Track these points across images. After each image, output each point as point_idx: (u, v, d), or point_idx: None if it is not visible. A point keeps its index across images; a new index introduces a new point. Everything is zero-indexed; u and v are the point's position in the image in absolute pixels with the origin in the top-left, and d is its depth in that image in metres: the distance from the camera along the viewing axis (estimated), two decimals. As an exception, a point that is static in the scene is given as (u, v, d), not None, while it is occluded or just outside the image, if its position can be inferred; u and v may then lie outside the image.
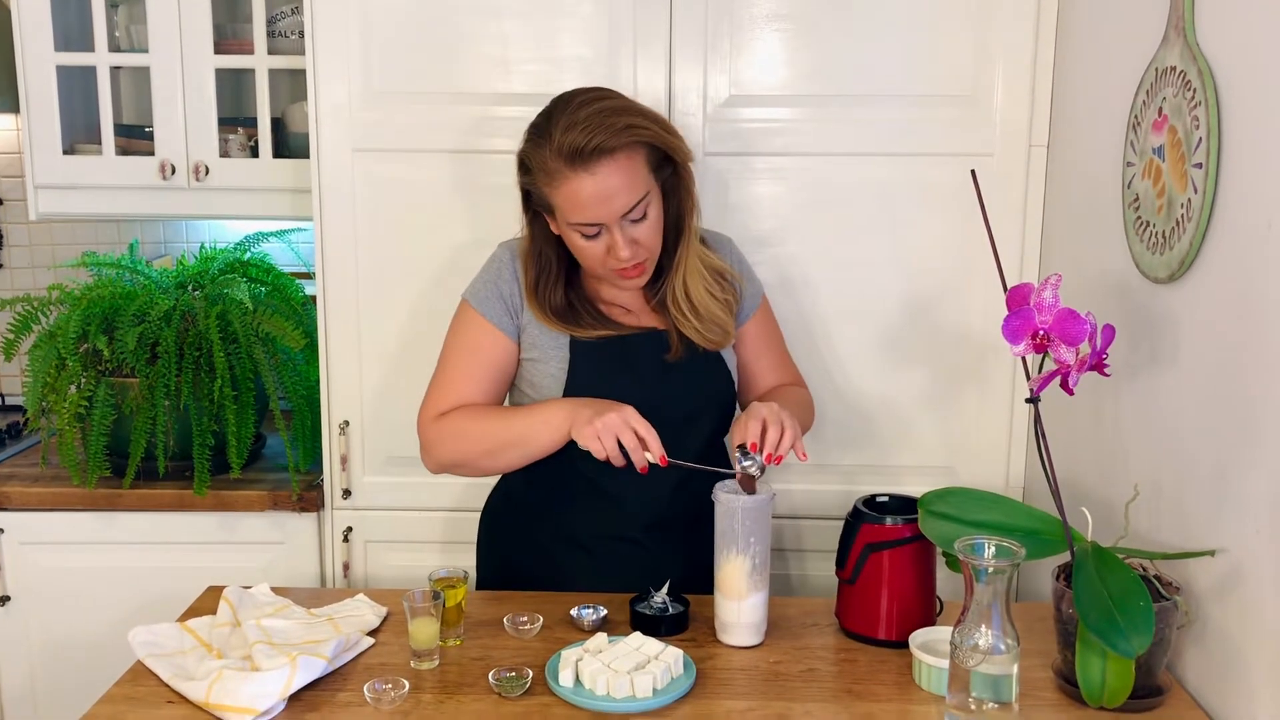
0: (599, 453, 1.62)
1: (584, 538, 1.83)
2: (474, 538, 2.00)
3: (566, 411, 1.68)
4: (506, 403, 1.87)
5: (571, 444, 1.67)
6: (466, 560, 2.05)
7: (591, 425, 1.62)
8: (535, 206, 1.74)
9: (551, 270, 1.78)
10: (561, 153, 1.61)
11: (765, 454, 1.61)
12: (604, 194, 1.62)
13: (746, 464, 1.62)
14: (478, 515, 2.00)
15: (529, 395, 1.81)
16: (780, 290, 2.11)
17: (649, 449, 1.62)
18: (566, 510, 1.83)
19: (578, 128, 1.60)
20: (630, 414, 1.63)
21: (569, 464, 1.76)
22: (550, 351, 1.78)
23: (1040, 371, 1.48)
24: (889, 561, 1.63)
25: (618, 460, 1.62)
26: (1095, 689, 1.43)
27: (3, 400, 2.87)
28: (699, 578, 1.73)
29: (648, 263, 1.73)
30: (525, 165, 1.70)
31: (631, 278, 1.72)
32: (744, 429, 1.65)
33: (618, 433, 1.61)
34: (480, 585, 1.95)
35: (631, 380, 1.77)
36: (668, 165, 1.72)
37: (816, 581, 2.22)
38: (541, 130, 1.66)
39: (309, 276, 2.48)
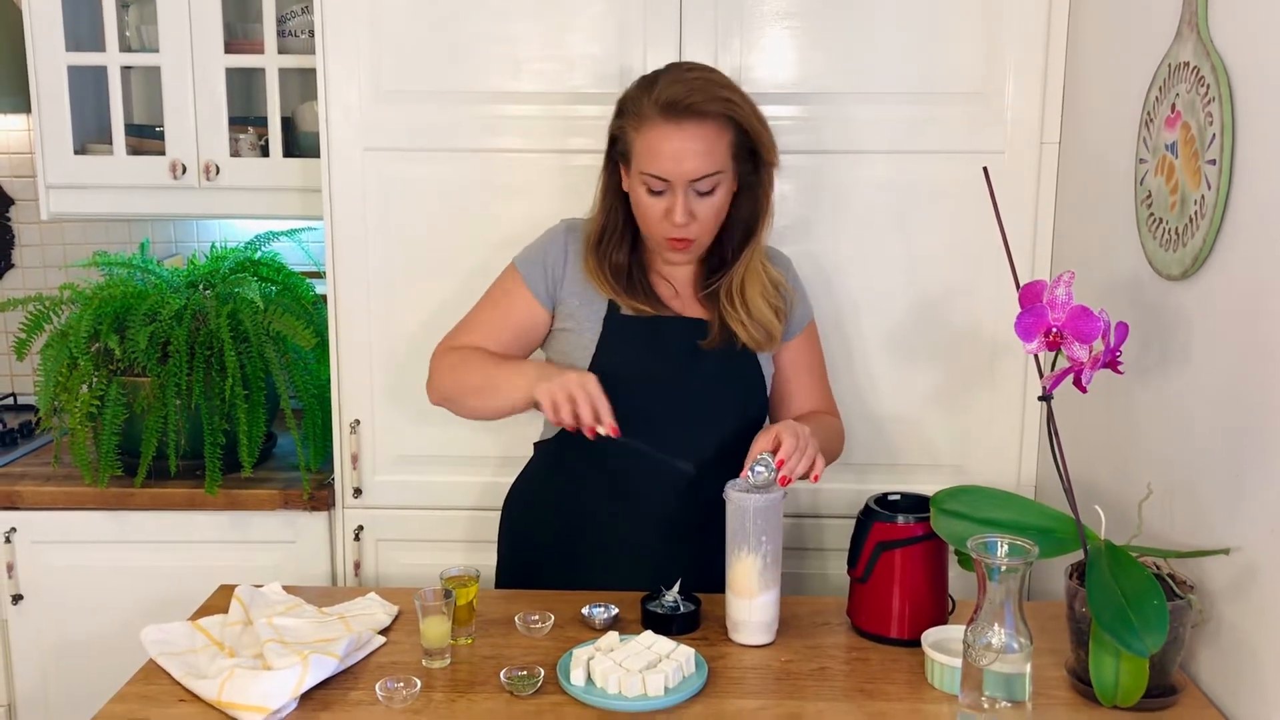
0: (550, 414, 1.64)
1: (596, 530, 1.83)
2: (485, 536, 2.01)
3: (534, 372, 1.71)
4: None
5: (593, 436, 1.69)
6: (478, 559, 2.05)
7: (549, 383, 1.64)
8: (616, 155, 1.77)
9: (618, 227, 1.81)
10: (659, 101, 1.67)
11: (780, 475, 1.61)
12: (682, 153, 1.66)
13: (758, 469, 1.61)
14: (489, 514, 2.01)
15: (559, 364, 1.83)
16: (791, 288, 2.10)
17: (601, 419, 1.63)
18: (581, 500, 1.84)
19: (681, 84, 1.68)
20: (590, 381, 1.65)
21: (590, 455, 1.77)
22: (585, 323, 1.81)
23: (1053, 369, 1.48)
24: (901, 560, 1.63)
25: (569, 422, 1.64)
26: (1109, 688, 1.42)
27: (15, 399, 2.88)
28: (709, 577, 1.72)
29: (697, 243, 1.76)
30: (622, 108, 1.75)
31: (678, 250, 1.75)
32: (773, 439, 1.64)
33: (572, 392, 1.63)
34: (498, 572, 1.97)
35: (660, 362, 1.78)
36: (750, 160, 1.75)
37: (828, 580, 2.21)
38: (648, 81, 1.73)
39: (319, 275, 2.48)
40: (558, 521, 1.87)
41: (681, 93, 1.66)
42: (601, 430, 1.63)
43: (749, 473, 1.62)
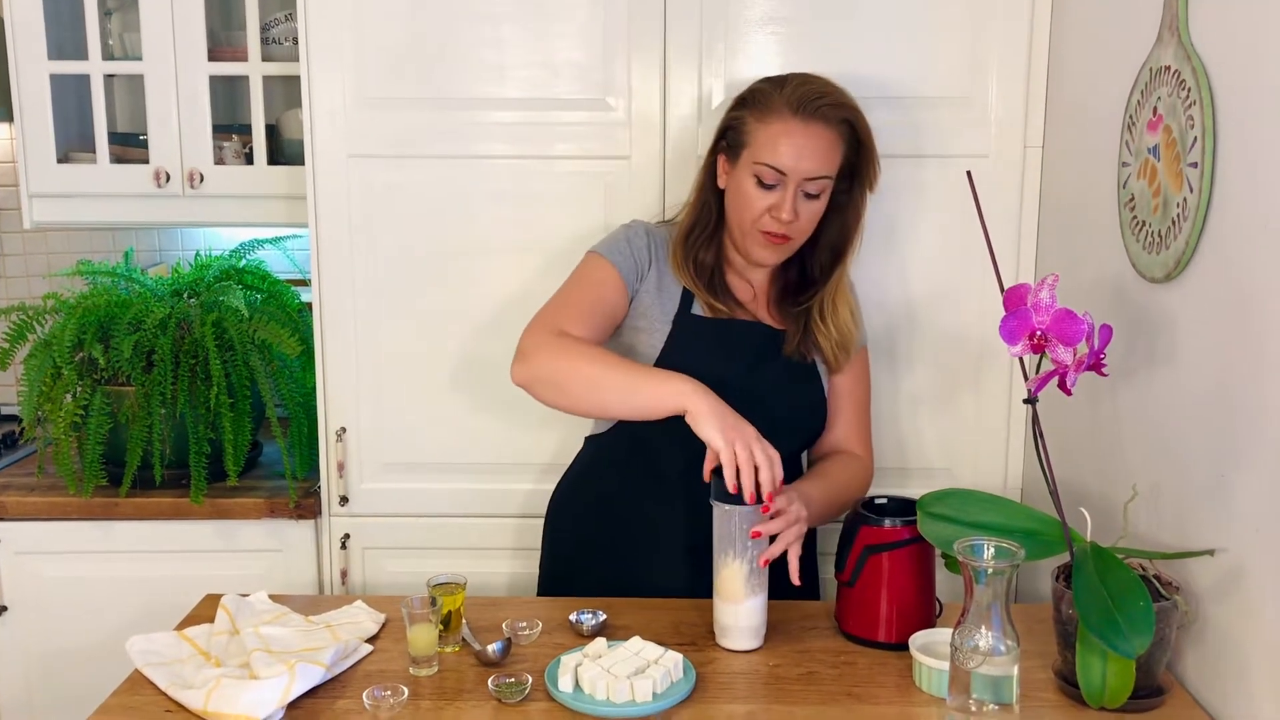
0: (727, 462, 1.52)
1: (640, 531, 1.84)
2: (473, 543, 2.01)
3: (689, 389, 1.57)
4: None
5: (646, 444, 1.69)
6: (464, 566, 2.04)
7: (723, 421, 1.53)
8: (723, 148, 1.79)
9: (710, 224, 1.83)
10: (792, 97, 1.71)
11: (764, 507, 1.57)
12: (804, 150, 1.70)
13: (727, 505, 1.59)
14: (477, 520, 2.00)
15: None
16: (777, 293, 2.10)
17: (761, 479, 1.53)
18: (629, 499, 1.85)
19: (814, 85, 1.73)
20: (769, 446, 1.56)
21: (643, 455, 1.80)
22: (656, 321, 1.81)
23: (1038, 372, 1.48)
24: (888, 563, 1.63)
25: (731, 467, 1.52)
26: (1096, 690, 1.43)
27: (-2, 410, 2.87)
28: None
29: (789, 244, 1.77)
30: (745, 100, 1.78)
31: (774, 244, 1.76)
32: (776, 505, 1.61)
33: (751, 444, 1.53)
34: (542, 571, 1.98)
35: (729, 363, 1.79)
36: (846, 179, 1.80)
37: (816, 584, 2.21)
38: (777, 80, 1.76)
39: (305, 283, 2.47)
40: (605, 520, 1.88)
41: (814, 94, 1.71)
42: (762, 489, 1.53)
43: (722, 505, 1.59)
